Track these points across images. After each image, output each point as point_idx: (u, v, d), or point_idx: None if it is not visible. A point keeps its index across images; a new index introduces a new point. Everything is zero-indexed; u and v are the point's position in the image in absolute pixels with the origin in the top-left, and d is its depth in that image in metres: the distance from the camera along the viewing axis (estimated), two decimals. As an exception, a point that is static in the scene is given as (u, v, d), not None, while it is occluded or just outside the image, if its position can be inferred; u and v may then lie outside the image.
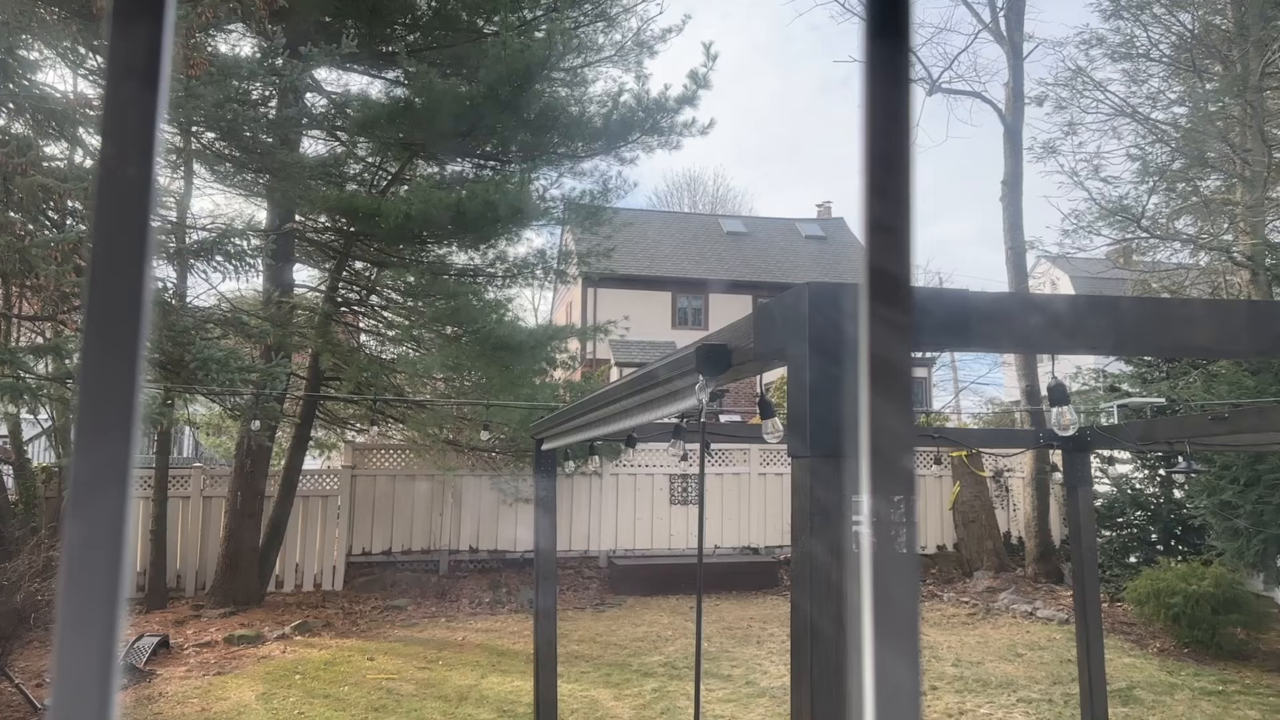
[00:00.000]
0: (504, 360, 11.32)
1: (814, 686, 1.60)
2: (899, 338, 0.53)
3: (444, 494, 14.08)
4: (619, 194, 12.63)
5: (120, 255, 0.47)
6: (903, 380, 0.53)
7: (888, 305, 0.53)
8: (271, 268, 11.01)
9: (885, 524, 0.54)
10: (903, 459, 0.53)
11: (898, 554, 0.53)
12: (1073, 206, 31.10)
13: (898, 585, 0.51)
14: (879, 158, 0.51)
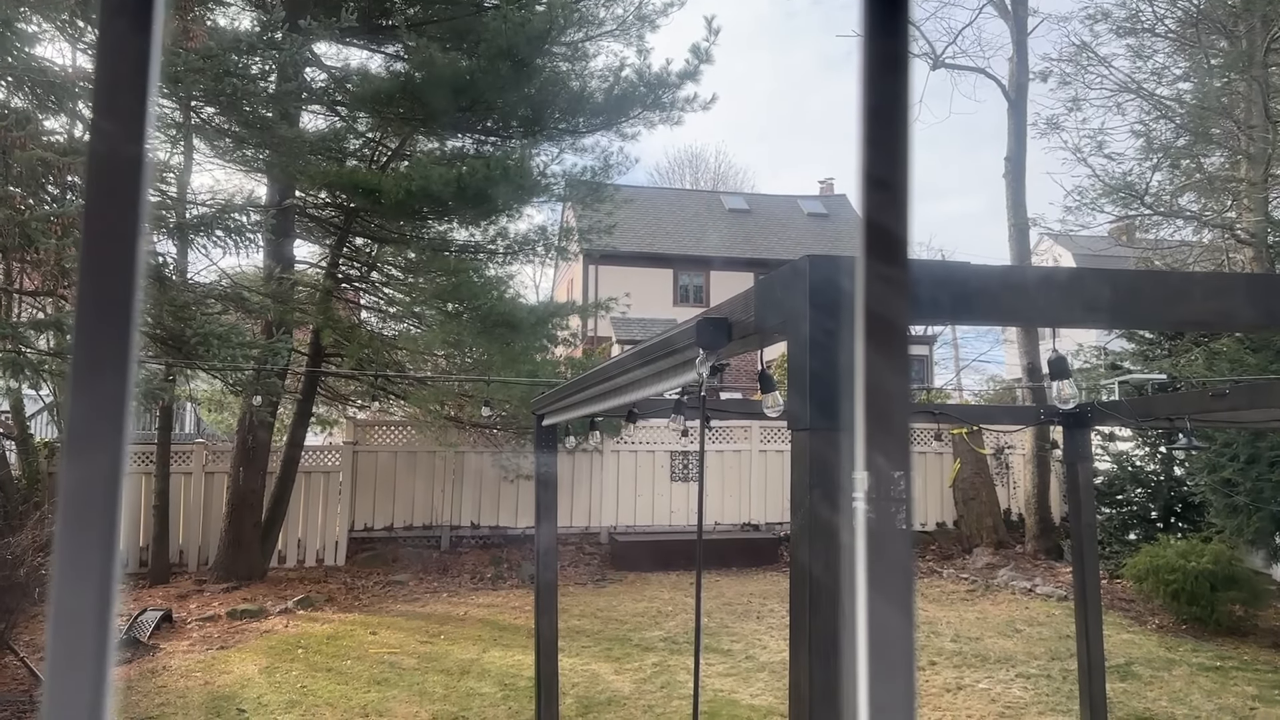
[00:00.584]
0: (505, 337, 11.31)
1: (812, 654, 1.61)
2: (896, 294, 0.52)
3: (445, 470, 14.12)
4: (620, 170, 12.58)
5: (113, 225, 0.46)
6: (899, 338, 0.52)
7: (885, 261, 0.53)
8: (272, 243, 10.98)
9: (883, 489, 0.53)
10: (899, 414, 0.53)
11: (894, 522, 0.53)
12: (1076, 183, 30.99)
13: (892, 549, 0.50)
14: (875, 111, 0.51)
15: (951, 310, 1.80)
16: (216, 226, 8.85)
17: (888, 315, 0.53)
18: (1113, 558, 11.72)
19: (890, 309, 0.53)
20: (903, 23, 0.51)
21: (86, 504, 0.46)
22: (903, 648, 0.51)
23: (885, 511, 0.54)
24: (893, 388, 0.52)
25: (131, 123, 0.47)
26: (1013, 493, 15.90)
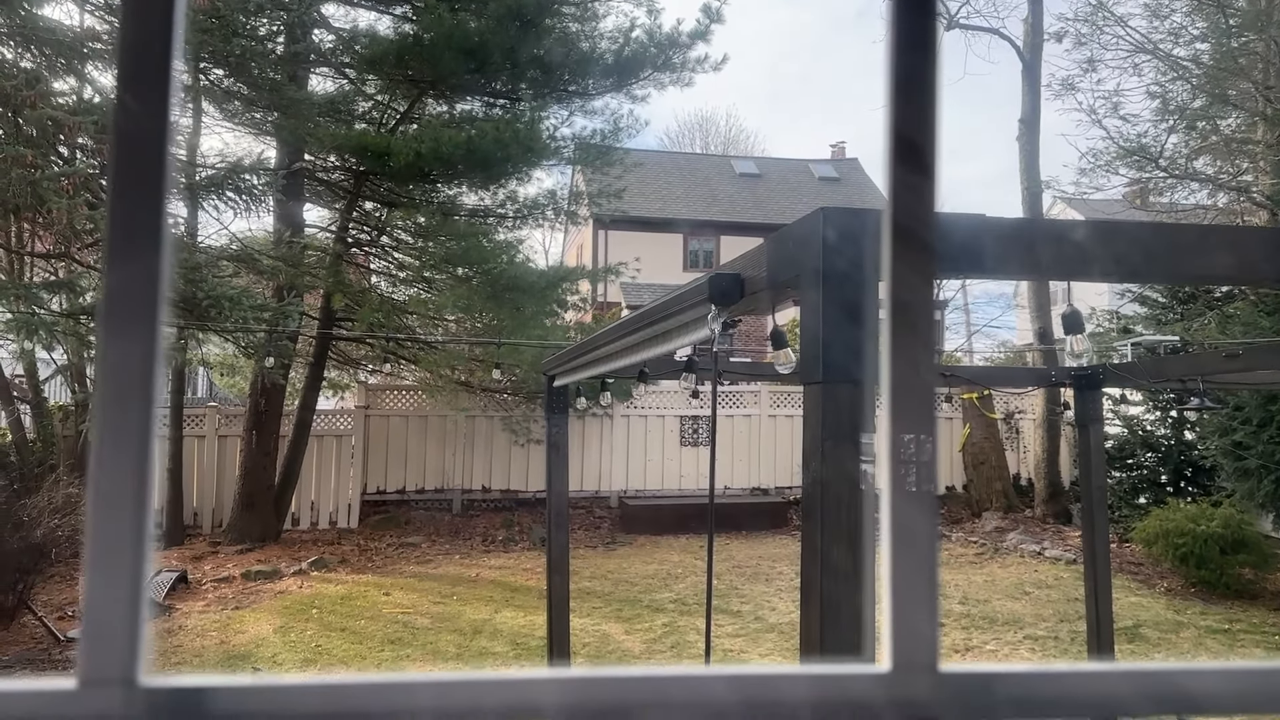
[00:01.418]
0: (515, 301, 11.30)
1: (824, 609, 1.61)
2: (922, 236, 0.52)
3: (457, 434, 14.18)
4: (630, 133, 12.50)
5: (139, 184, 0.46)
6: (924, 295, 0.51)
7: (912, 198, 0.52)
8: (282, 205, 10.97)
9: (905, 451, 0.53)
10: (923, 373, 0.52)
11: (918, 485, 0.53)
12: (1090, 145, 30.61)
13: (917, 513, 0.50)
14: (906, 44, 0.50)
15: (967, 264, 1.78)
16: (226, 187, 8.84)
17: (913, 281, 0.52)
18: (1122, 521, 11.73)
19: (916, 274, 0.52)
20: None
21: (120, 455, 0.47)
22: (926, 612, 0.52)
23: (906, 474, 0.53)
24: (917, 365, 0.51)
25: (156, 87, 0.47)
26: (1022, 457, 15.90)
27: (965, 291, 35.96)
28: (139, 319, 0.46)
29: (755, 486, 15.28)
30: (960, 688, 0.48)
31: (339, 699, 0.44)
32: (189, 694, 0.43)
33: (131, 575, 0.43)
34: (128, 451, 0.44)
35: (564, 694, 0.46)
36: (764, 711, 0.47)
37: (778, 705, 0.47)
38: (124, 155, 0.46)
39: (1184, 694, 0.50)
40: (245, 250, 10.78)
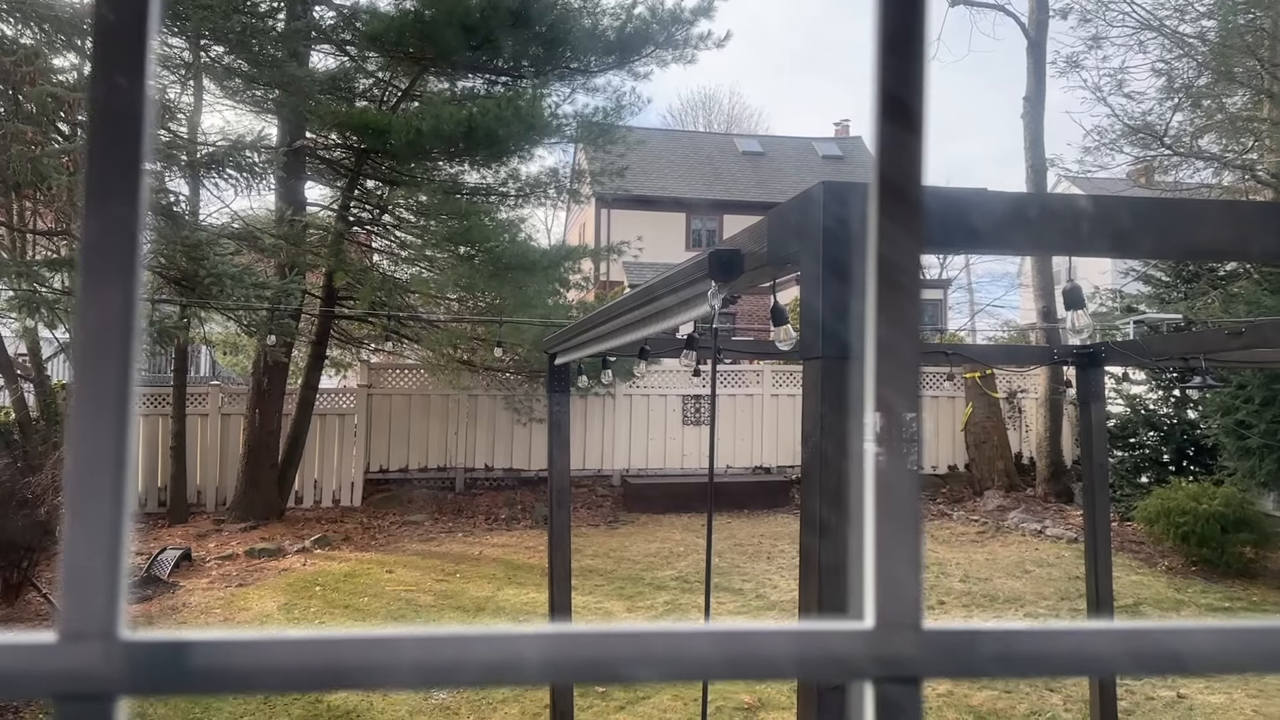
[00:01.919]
0: (517, 280, 11.29)
1: (822, 582, 1.62)
2: (909, 218, 0.51)
3: (459, 413, 14.21)
4: (632, 111, 12.44)
5: (116, 162, 0.45)
6: (911, 266, 0.51)
7: (900, 167, 0.52)
8: (283, 183, 10.94)
9: (893, 427, 0.53)
10: (908, 347, 0.52)
11: (902, 460, 0.53)
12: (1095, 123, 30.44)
13: (900, 486, 0.50)
14: (893, 27, 0.49)
15: (965, 239, 1.77)
16: (227, 164, 8.82)
17: (900, 241, 0.51)
18: (1124, 500, 11.75)
19: (903, 234, 0.51)
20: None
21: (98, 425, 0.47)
22: (910, 571, 0.52)
23: (894, 449, 0.53)
24: (904, 320, 0.51)
25: (133, 60, 0.47)
26: (1024, 436, 15.90)
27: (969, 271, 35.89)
28: (117, 268, 0.45)
29: (757, 466, 15.30)
30: (944, 644, 0.48)
31: (322, 654, 0.44)
32: (169, 648, 0.43)
33: (111, 529, 0.43)
34: (107, 404, 0.44)
35: (548, 649, 0.46)
36: (747, 668, 0.47)
37: (761, 661, 0.47)
38: (99, 125, 0.45)
39: (1171, 654, 0.50)
40: (247, 228, 10.76)
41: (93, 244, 0.44)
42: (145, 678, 0.42)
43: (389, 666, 0.44)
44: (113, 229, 0.44)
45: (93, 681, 0.42)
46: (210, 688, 0.43)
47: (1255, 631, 0.50)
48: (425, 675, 0.44)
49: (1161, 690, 7.32)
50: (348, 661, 0.44)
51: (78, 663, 0.42)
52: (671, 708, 6.86)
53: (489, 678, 0.45)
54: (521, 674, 0.45)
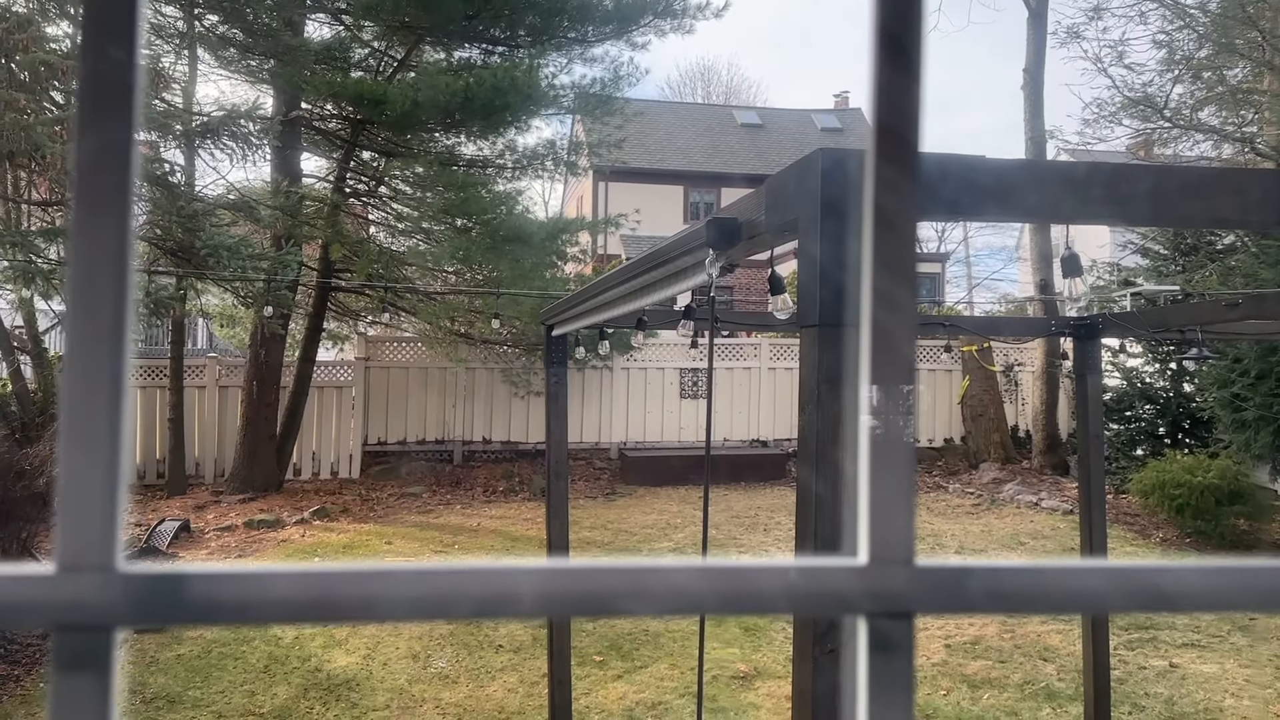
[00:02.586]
0: (514, 253, 11.26)
1: (818, 549, 1.62)
2: (905, 182, 0.50)
3: (457, 386, 14.22)
4: (630, 82, 12.35)
5: (106, 132, 0.45)
6: (907, 230, 0.50)
7: (894, 140, 0.51)
8: (279, 153, 10.88)
9: (890, 398, 0.53)
10: (904, 313, 0.52)
11: (898, 428, 0.53)
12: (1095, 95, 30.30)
13: (894, 453, 0.50)
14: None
15: (963, 206, 1.77)
16: (223, 133, 8.76)
17: (895, 206, 0.51)
18: (1119, 473, 11.79)
19: (898, 199, 0.51)
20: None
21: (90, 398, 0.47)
22: (903, 508, 0.52)
23: (889, 419, 0.53)
24: (899, 286, 0.51)
25: (124, 29, 0.45)
26: (1021, 409, 15.93)
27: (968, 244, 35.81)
28: (111, 193, 0.45)
29: (754, 439, 15.33)
30: (936, 580, 0.49)
31: (318, 587, 0.45)
32: (167, 580, 0.44)
33: (108, 461, 0.44)
34: (103, 333, 0.44)
35: (543, 583, 0.47)
36: (741, 603, 0.47)
37: (754, 598, 0.47)
38: (89, 96, 0.45)
39: (1160, 591, 0.50)
40: (243, 199, 10.72)
41: (84, 179, 0.45)
42: (143, 609, 0.43)
43: (385, 600, 0.44)
44: (104, 193, 0.44)
45: (91, 612, 0.43)
46: (207, 619, 0.44)
47: (1243, 570, 0.51)
48: (420, 609, 0.45)
49: (1154, 660, 7.38)
50: (344, 594, 0.44)
51: (76, 594, 0.43)
52: (668, 676, 6.91)
53: (483, 611, 0.45)
54: (516, 607, 0.45)
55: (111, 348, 0.43)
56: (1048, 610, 0.50)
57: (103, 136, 0.44)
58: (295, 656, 7.30)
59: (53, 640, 0.43)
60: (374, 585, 0.44)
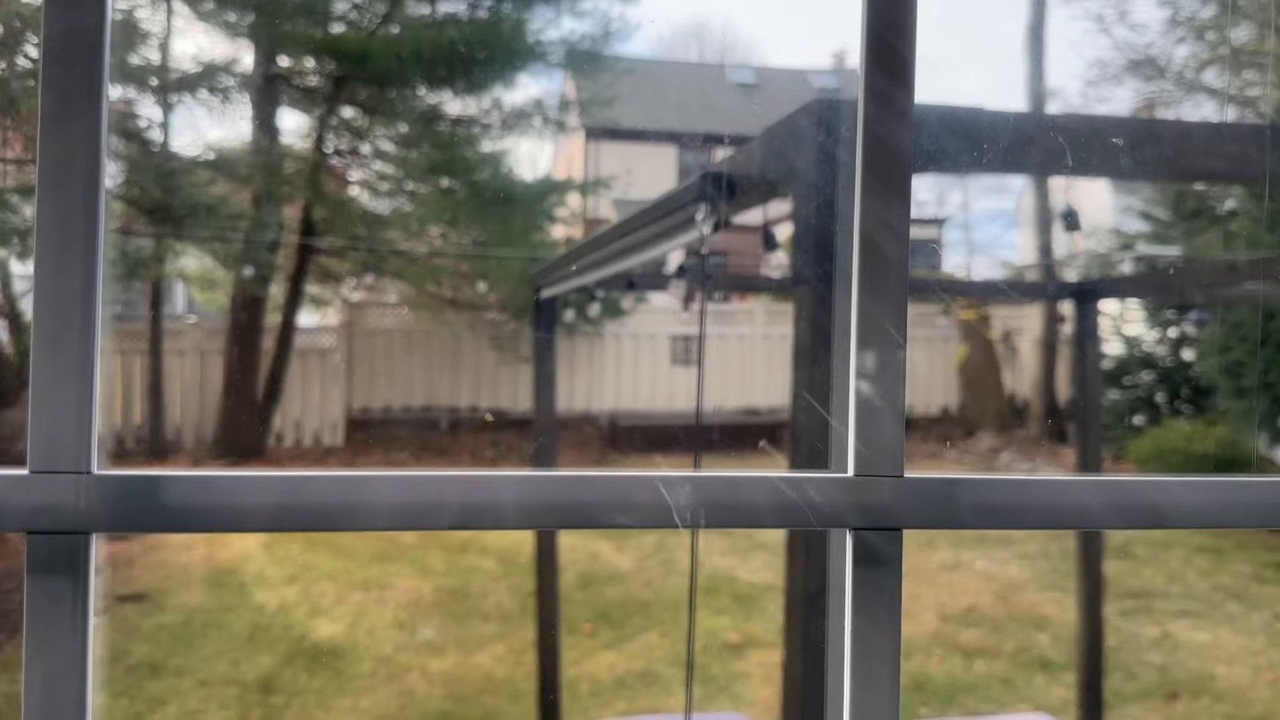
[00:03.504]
0: (501, 214, 11.08)
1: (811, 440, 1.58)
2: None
3: (443, 352, 14.06)
4: (621, 37, 12.08)
5: (74, 85, 0.50)
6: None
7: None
8: (259, 112, 10.65)
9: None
10: (895, 264, 0.53)
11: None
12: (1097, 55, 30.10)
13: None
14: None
15: (963, 157, 1.68)
16: (200, 86, 8.56)
17: (889, 155, 0.53)
18: (1117, 441, 11.74)
19: (895, 89, 0.53)
20: None
21: None
22: (892, 419, 0.54)
23: (873, 274, 0.54)
24: (891, 237, 0.54)
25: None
26: (1019, 377, 15.85)
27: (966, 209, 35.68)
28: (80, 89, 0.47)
29: (747, 407, 15.22)
30: (923, 493, 0.52)
31: (300, 492, 0.48)
32: (143, 482, 0.47)
33: (81, 363, 0.47)
34: (74, 223, 0.47)
35: (526, 492, 0.49)
36: (729, 515, 0.51)
37: (742, 509, 0.51)
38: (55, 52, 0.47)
39: (1151, 506, 0.53)
40: (222, 157, 10.51)
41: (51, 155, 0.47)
42: (119, 513, 0.45)
43: (368, 507, 0.48)
44: (72, 150, 0.47)
45: (66, 516, 0.45)
46: (186, 525, 0.47)
47: (1236, 485, 0.54)
48: (403, 517, 0.49)
49: (1147, 628, 7.34)
50: (326, 501, 0.47)
51: (50, 497, 0.45)
52: (659, 645, 6.82)
53: (466, 520, 0.49)
54: (498, 518, 0.48)
55: (85, 244, 0.45)
56: (1037, 524, 0.53)
57: (69, 88, 0.45)
58: (279, 625, 7.18)
59: (26, 544, 0.45)
60: (356, 492, 0.47)
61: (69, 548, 0.42)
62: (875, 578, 0.44)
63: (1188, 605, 7.70)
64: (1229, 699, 6.40)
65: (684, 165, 29.39)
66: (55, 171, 0.41)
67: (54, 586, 0.41)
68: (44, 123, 0.42)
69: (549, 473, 0.41)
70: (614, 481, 0.41)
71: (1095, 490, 0.46)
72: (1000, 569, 8.17)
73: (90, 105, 0.41)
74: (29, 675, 0.41)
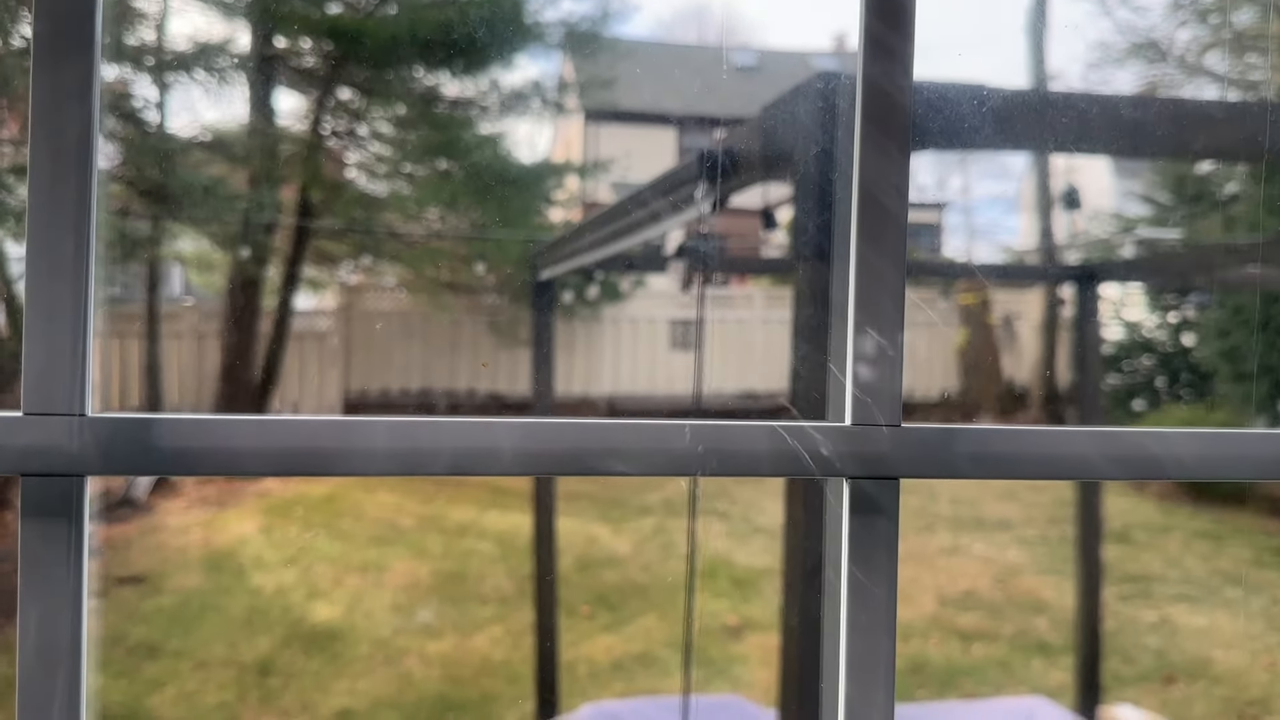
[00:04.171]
0: (499, 197, 11.05)
1: (807, 483, 1.59)
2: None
3: (441, 336, 14.04)
4: (620, 18, 12.04)
5: (68, 64, 0.50)
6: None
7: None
8: (255, 90, 10.61)
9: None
10: (895, 172, 0.53)
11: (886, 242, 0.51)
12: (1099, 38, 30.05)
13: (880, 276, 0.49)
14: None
15: (965, 137, 1.67)
16: (197, 66, 8.52)
17: (889, 105, 0.54)
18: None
19: (893, 99, 0.54)
20: None
21: None
22: (889, 370, 0.53)
23: (872, 227, 0.53)
24: (889, 188, 0.54)
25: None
26: (1018, 361, 15.84)
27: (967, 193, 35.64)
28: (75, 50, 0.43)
29: (746, 392, 15.21)
30: (921, 442, 0.52)
31: (297, 436, 0.46)
32: (137, 426, 0.45)
33: (74, 305, 0.45)
34: (66, 164, 0.45)
35: (524, 438, 0.48)
36: (726, 463, 0.49)
37: (740, 456, 0.50)
38: None
39: (1150, 457, 0.53)
40: (218, 138, 10.47)
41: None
42: (113, 455, 0.46)
43: (364, 452, 0.47)
44: (66, 118, 0.48)
45: (60, 458, 0.46)
46: (180, 467, 0.46)
47: (1235, 437, 0.53)
48: (400, 462, 0.48)
49: (1145, 612, 7.36)
50: (322, 445, 0.46)
51: (44, 439, 0.46)
52: (656, 628, 6.84)
53: (462, 466, 0.49)
54: (496, 463, 0.49)
55: (78, 184, 0.45)
56: (1035, 474, 0.53)
57: (62, 67, 0.47)
58: (276, 607, 7.20)
59: (21, 487, 0.45)
60: (354, 437, 0.47)
61: (63, 490, 0.42)
62: (872, 526, 0.44)
63: (1186, 590, 7.72)
64: (1226, 683, 6.42)
65: (683, 148, 29.30)
66: (49, 109, 0.42)
67: (48, 529, 0.41)
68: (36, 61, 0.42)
69: (547, 421, 0.41)
70: (612, 429, 0.41)
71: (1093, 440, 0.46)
72: (999, 553, 8.18)
73: (82, 85, 0.43)
74: (23, 617, 0.40)
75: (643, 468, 0.41)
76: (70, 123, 0.41)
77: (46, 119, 0.41)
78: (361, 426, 0.38)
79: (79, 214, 0.40)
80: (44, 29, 0.40)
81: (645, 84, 28.55)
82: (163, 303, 12.39)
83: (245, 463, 0.37)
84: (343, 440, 0.37)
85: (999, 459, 0.43)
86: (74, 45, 0.39)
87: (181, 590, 7.54)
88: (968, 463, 0.42)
